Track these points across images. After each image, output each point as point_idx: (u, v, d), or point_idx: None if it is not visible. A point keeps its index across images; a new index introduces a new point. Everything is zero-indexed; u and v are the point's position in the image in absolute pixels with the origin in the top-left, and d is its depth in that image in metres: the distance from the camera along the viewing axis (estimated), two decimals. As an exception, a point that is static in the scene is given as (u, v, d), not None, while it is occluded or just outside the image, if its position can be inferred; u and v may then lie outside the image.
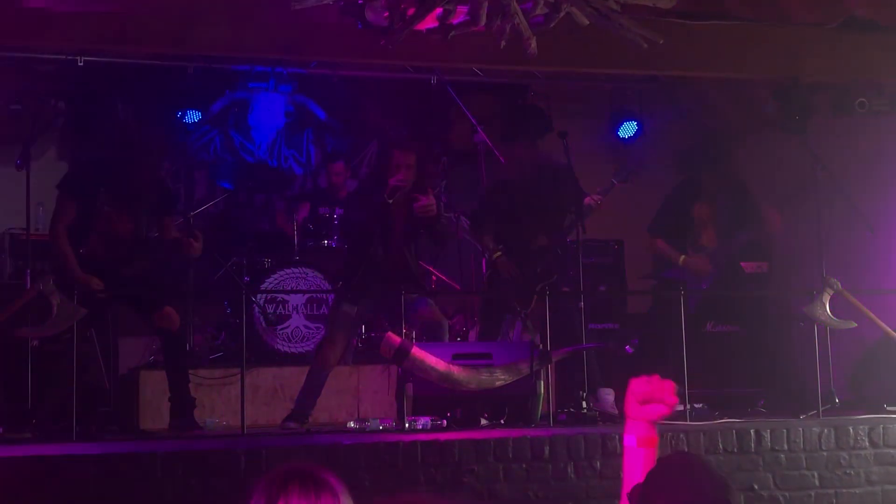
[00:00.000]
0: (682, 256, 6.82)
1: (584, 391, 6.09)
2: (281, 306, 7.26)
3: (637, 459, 2.83)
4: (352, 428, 5.82)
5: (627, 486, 2.80)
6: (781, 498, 5.47)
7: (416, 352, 5.74)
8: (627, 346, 7.25)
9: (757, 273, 7.49)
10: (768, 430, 5.53)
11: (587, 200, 6.61)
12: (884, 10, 6.64)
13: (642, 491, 2.63)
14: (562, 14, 4.88)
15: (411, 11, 4.86)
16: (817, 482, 5.53)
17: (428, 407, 5.78)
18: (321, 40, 6.07)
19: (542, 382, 5.86)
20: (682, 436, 5.40)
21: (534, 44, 5.04)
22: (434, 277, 7.63)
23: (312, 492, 2.37)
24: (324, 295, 7.24)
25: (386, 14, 4.94)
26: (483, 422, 5.82)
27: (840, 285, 6.09)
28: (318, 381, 6.17)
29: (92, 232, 5.78)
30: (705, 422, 5.81)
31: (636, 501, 2.65)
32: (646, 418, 2.77)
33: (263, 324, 7.13)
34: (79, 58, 7.06)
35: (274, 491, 2.37)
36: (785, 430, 5.55)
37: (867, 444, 5.62)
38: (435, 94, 8.04)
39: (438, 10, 4.84)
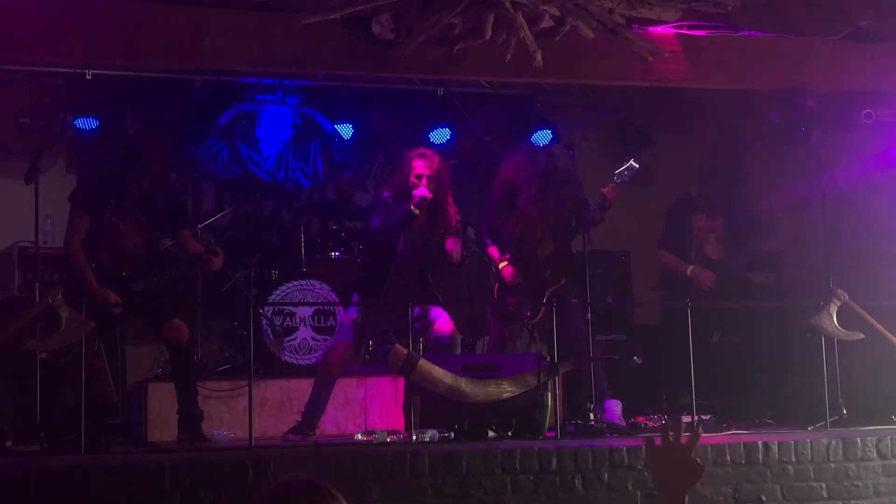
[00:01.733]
0: (690, 267, 6.81)
1: (591, 403, 6.08)
2: (288, 318, 7.28)
3: None
4: (359, 440, 5.83)
5: None
6: (789, 510, 5.46)
7: (424, 364, 5.75)
8: (635, 358, 7.25)
9: (764, 284, 7.49)
10: (776, 442, 5.52)
11: (606, 191, 6.60)
12: (889, 21, 6.65)
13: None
14: (567, 27, 4.90)
15: (417, 25, 4.88)
16: (825, 494, 5.51)
17: (435, 419, 5.79)
18: (328, 53, 6.10)
19: (549, 394, 5.86)
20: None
21: (539, 56, 5.06)
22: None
23: None
24: (331, 307, 7.25)
25: (392, 28, 4.97)
26: (490, 434, 5.82)
27: (847, 296, 6.09)
28: (324, 392, 6.18)
29: (101, 246, 5.79)
30: (713, 433, 5.81)
31: None
32: None
33: (271, 336, 7.14)
34: (87, 71, 7.08)
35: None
36: (793, 442, 5.54)
37: (875, 455, 5.60)
38: (442, 105, 8.06)
39: (444, 24, 4.87)
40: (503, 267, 6.71)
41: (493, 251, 6.77)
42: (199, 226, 7.58)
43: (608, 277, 7.91)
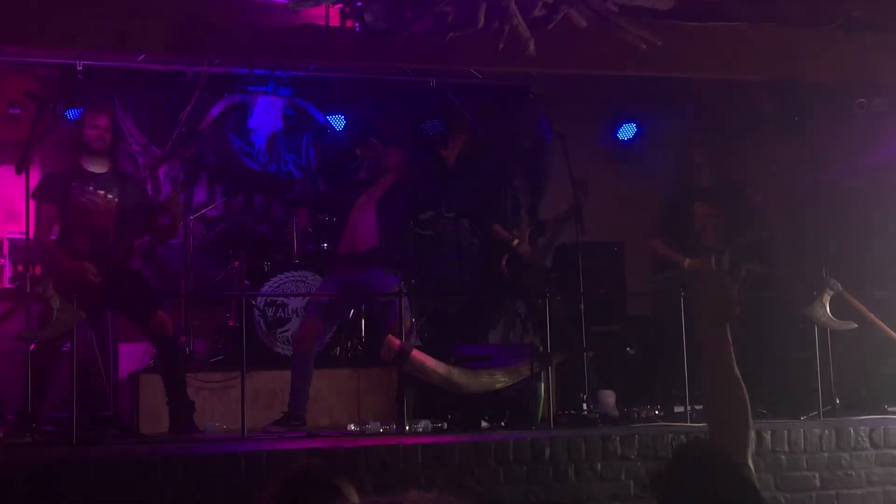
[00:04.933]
0: (687, 260, 6.70)
1: (584, 393, 6.08)
2: (280, 310, 7.26)
3: None
4: (352, 431, 5.82)
5: None
6: (783, 499, 5.46)
7: (417, 355, 5.74)
8: (628, 348, 7.24)
9: (756, 274, 7.47)
10: (769, 432, 5.53)
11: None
12: (882, 11, 6.65)
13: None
14: (560, 16, 4.89)
15: (409, 14, 4.86)
16: (818, 483, 5.52)
17: (428, 410, 5.78)
18: (320, 43, 6.07)
19: (542, 385, 5.86)
20: (683, 437, 5.40)
21: (532, 45, 5.05)
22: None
23: (325, 496, 2.38)
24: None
25: (384, 17, 4.95)
26: (484, 424, 5.82)
27: (840, 286, 6.09)
28: (300, 374, 6.16)
29: (74, 226, 5.80)
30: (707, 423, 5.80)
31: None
32: None
33: (263, 327, 7.12)
34: (77, 62, 7.05)
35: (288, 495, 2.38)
36: (786, 432, 5.55)
37: (868, 444, 5.61)
38: (434, 96, 8.04)
39: (437, 13, 4.84)
40: (516, 244, 6.77)
41: (501, 232, 6.84)
42: (191, 217, 7.55)
43: (601, 268, 7.90)
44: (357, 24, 5.23)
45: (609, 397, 6.35)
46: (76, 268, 5.66)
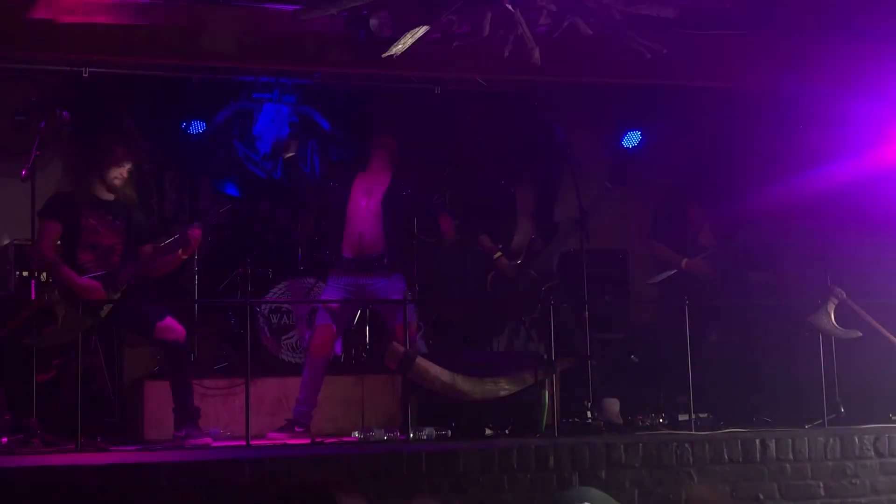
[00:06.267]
0: (684, 259, 6.87)
1: (588, 401, 6.08)
2: (285, 316, 7.27)
3: None
4: (357, 438, 5.82)
5: None
6: (787, 508, 5.46)
7: (421, 362, 5.75)
8: (633, 356, 7.26)
9: (761, 282, 7.50)
10: (773, 440, 5.52)
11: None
12: (884, 18, 6.67)
13: None
14: (565, 24, 4.90)
15: (415, 22, 4.88)
16: (822, 492, 5.51)
17: (432, 417, 5.78)
18: (326, 51, 6.09)
19: (546, 392, 5.86)
20: (686, 445, 5.40)
21: (537, 54, 5.06)
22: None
23: None
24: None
25: (389, 25, 4.98)
26: (488, 432, 5.82)
27: (845, 295, 6.09)
28: (311, 380, 6.20)
29: (81, 245, 5.77)
30: (710, 431, 5.81)
31: None
32: None
33: (268, 333, 7.14)
34: (84, 69, 7.07)
35: None
36: (790, 440, 5.54)
37: (872, 453, 5.61)
38: (440, 104, 8.05)
39: (442, 21, 4.86)
40: (498, 258, 6.77)
41: (486, 241, 6.84)
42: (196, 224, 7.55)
43: (606, 276, 7.91)
44: (362, 32, 5.25)
45: (613, 405, 6.35)
46: (83, 285, 5.63)
